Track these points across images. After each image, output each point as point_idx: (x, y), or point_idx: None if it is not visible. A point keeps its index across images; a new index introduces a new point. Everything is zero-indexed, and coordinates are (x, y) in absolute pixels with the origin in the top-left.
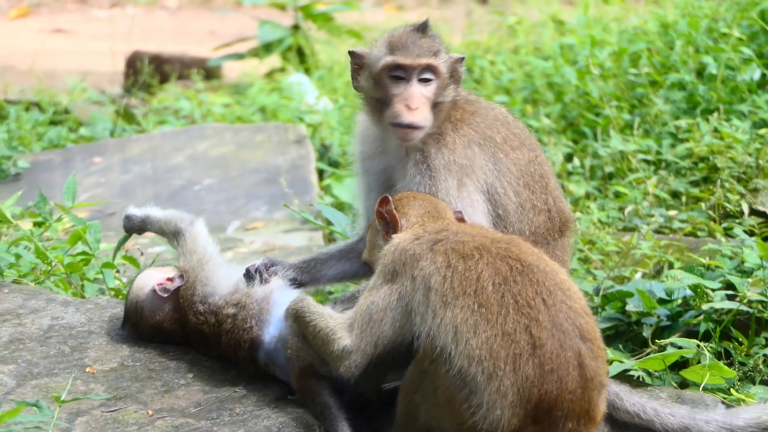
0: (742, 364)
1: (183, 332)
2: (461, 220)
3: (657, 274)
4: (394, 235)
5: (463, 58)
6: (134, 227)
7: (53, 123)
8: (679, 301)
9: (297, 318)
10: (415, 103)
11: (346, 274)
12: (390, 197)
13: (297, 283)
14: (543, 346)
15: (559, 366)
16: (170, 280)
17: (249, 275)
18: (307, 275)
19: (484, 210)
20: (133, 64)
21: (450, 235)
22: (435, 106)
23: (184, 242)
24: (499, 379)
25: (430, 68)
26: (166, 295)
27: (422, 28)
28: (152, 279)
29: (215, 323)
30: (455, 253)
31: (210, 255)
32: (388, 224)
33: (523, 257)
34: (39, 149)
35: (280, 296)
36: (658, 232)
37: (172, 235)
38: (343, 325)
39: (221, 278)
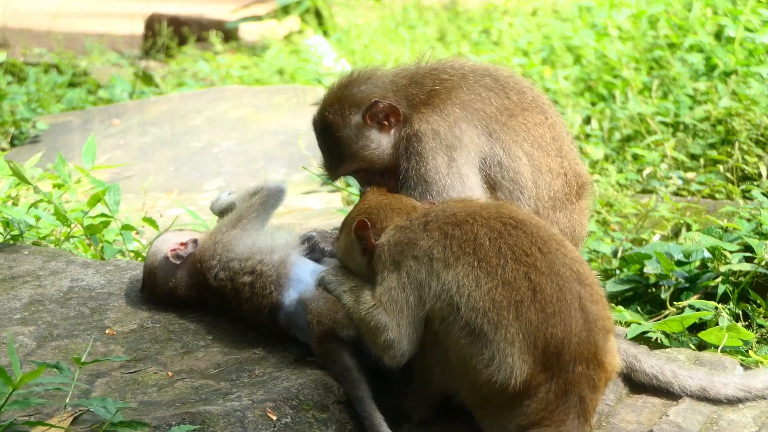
0: (760, 326)
1: (200, 297)
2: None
3: (675, 236)
4: (377, 243)
5: (375, 102)
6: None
7: (72, 85)
8: (697, 263)
9: (329, 292)
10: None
11: None
12: (367, 221)
13: None
14: (543, 291)
15: (561, 309)
16: (183, 245)
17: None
18: None
19: (476, 183)
20: (151, 26)
21: (438, 213)
22: (383, 154)
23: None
24: (504, 327)
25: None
26: (178, 262)
27: (321, 145)
28: (167, 244)
29: (232, 289)
30: (449, 224)
31: (246, 221)
32: (365, 243)
33: (514, 215)
34: (58, 111)
35: (297, 258)
36: (676, 194)
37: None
38: (378, 313)
39: (244, 245)
